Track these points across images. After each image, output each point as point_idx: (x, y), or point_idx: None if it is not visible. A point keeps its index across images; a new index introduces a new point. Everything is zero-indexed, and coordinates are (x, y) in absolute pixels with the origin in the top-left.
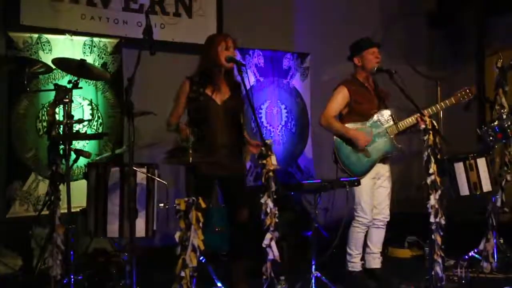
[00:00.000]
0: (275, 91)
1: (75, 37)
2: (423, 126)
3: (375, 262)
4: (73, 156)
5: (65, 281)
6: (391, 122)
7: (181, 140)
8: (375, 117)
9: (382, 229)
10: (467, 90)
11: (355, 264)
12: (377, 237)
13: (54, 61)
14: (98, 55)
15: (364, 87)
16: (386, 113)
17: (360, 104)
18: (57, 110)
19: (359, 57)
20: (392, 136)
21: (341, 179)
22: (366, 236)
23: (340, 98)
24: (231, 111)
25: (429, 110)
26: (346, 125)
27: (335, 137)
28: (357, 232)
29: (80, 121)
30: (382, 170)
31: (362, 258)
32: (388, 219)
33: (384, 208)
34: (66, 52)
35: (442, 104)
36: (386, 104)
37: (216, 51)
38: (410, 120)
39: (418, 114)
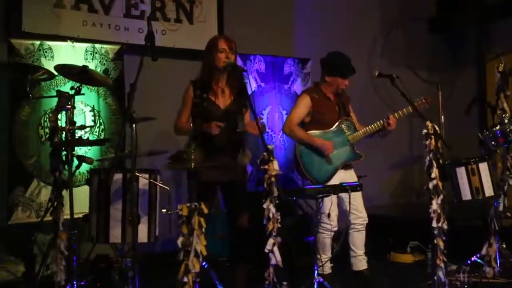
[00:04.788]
0: (276, 96)
1: (76, 44)
2: (390, 129)
3: (362, 263)
4: (75, 162)
5: (68, 287)
6: (352, 130)
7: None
8: (337, 126)
9: (362, 231)
10: (423, 100)
11: (324, 267)
12: (359, 239)
13: (57, 67)
14: (100, 61)
15: (326, 97)
16: (347, 121)
17: (322, 114)
18: (59, 116)
19: (332, 78)
20: (353, 143)
21: (344, 184)
22: (348, 240)
23: (303, 107)
24: (234, 116)
25: (396, 115)
26: (309, 132)
27: (297, 144)
28: (324, 238)
29: (82, 127)
30: (346, 176)
31: (332, 261)
32: (367, 221)
33: (361, 211)
34: (68, 58)
35: (400, 113)
36: (347, 112)
37: (210, 55)
38: (372, 127)
39: (386, 119)
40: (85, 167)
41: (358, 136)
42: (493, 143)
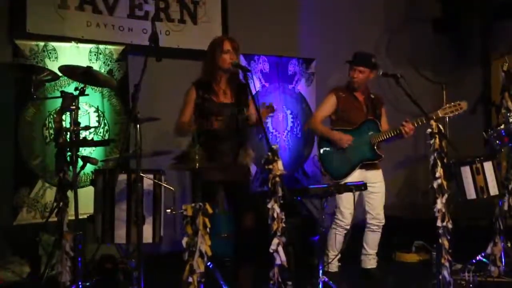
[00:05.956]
0: (280, 96)
1: (81, 45)
2: (406, 136)
3: (370, 262)
4: (80, 163)
5: (73, 287)
6: (375, 131)
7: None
8: (360, 125)
9: (377, 232)
10: (459, 105)
11: (331, 265)
12: (373, 239)
13: (61, 68)
14: (104, 62)
15: (354, 96)
16: (371, 122)
17: (347, 112)
18: (63, 117)
19: (348, 69)
20: (374, 143)
21: (348, 183)
22: (362, 238)
23: (328, 104)
24: (236, 116)
25: (414, 122)
26: (330, 128)
27: (318, 139)
28: (335, 235)
29: (87, 128)
30: (368, 176)
31: (340, 260)
32: (383, 223)
33: (378, 213)
34: (72, 59)
35: (419, 121)
36: (377, 114)
37: (214, 56)
38: (394, 132)
39: (402, 126)
40: (89, 167)
41: (380, 137)
42: (497, 142)
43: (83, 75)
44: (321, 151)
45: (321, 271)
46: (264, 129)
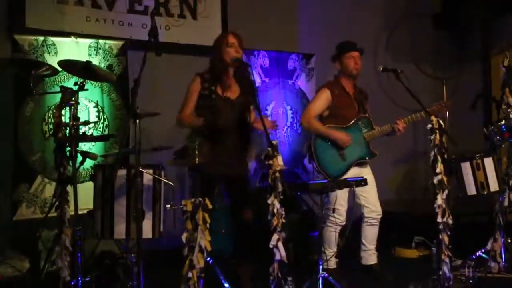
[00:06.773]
0: (280, 92)
1: (80, 40)
2: (398, 133)
3: (371, 258)
4: (79, 158)
5: (72, 283)
6: (369, 128)
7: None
8: (354, 122)
9: (375, 226)
10: (442, 104)
11: (330, 262)
12: (371, 234)
13: (60, 63)
14: (104, 57)
15: (346, 92)
16: (365, 119)
17: (341, 108)
18: (63, 112)
19: (338, 62)
20: (368, 141)
21: (349, 179)
22: (360, 233)
23: (323, 100)
24: (240, 110)
25: (406, 120)
26: (326, 126)
27: (313, 137)
28: (330, 232)
29: (86, 123)
30: (361, 173)
31: (338, 256)
32: (381, 215)
33: (375, 205)
34: (71, 54)
35: (418, 115)
36: (365, 109)
37: (219, 50)
38: (386, 128)
39: (395, 125)
40: (89, 163)
41: (374, 134)
42: (498, 137)
43: (83, 70)
44: (317, 148)
45: (321, 267)
46: (265, 128)
